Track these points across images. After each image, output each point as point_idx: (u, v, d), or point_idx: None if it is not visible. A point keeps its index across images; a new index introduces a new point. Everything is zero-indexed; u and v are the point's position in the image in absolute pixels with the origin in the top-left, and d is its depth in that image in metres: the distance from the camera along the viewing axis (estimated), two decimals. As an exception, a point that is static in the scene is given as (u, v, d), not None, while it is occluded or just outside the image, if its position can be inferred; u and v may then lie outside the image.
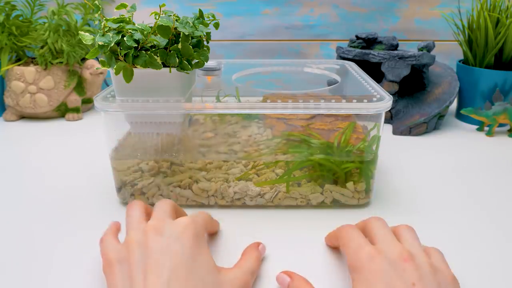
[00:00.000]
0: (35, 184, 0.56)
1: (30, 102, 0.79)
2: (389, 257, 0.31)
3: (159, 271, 0.29)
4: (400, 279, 0.30)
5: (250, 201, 0.49)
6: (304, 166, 0.48)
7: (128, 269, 0.31)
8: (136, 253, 0.31)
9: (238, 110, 0.46)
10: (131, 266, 0.30)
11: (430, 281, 0.30)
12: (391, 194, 0.53)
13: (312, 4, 0.95)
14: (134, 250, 0.31)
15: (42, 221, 0.47)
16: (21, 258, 0.40)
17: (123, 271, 0.31)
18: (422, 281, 0.30)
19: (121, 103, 0.45)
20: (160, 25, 0.41)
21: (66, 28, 0.81)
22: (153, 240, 0.32)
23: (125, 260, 0.31)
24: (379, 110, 0.44)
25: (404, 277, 0.30)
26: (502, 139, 0.72)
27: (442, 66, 0.83)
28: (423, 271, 0.31)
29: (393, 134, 0.74)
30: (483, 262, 0.39)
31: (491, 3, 0.75)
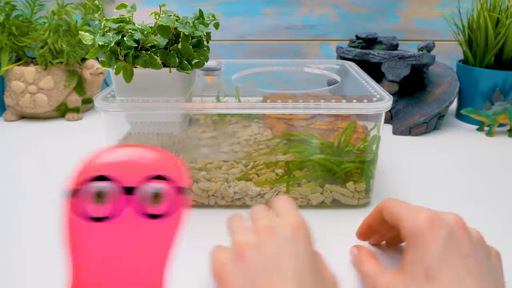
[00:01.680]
0: (35, 184, 0.56)
1: (30, 102, 0.79)
2: (447, 223, 0.31)
3: (283, 275, 0.28)
4: (456, 248, 0.29)
5: (250, 201, 0.49)
6: (304, 166, 0.48)
7: (245, 272, 0.29)
8: (251, 255, 0.30)
9: (238, 110, 0.46)
10: (249, 269, 0.29)
11: (482, 253, 0.30)
12: (391, 194, 0.53)
13: (312, 4, 0.95)
14: (247, 251, 0.30)
15: (42, 221, 0.47)
16: (21, 258, 0.40)
17: (239, 273, 0.30)
18: (475, 253, 0.29)
19: (121, 103, 0.45)
20: (160, 25, 0.41)
21: (66, 28, 0.81)
22: (268, 241, 0.30)
23: (240, 263, 0.30)
24: (379, 110, 0.44)
25: (459, 247, 0.29)
26: (502, 139, 0.72)
27: (442, 66, 0.83)
28: (474, 242, 0.30)
29: (393, 134, 0.74)
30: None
31: (491, 3, 0.75)
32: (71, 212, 0.25)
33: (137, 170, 0.26)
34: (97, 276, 0.26)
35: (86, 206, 0.25)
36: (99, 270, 0.26)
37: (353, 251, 0.39)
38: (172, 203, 0.27)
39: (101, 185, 0.25)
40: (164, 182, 0.26)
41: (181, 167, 0.28)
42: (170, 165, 0.27)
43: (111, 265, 0.26)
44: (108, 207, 0.25)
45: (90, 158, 0.26)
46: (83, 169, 0.26)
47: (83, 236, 0.25)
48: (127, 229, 0.26)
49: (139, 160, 0.27)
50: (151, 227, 0.27)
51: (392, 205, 0.35)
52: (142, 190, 0.26)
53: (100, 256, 0.26)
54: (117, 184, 0.25)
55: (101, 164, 0.26)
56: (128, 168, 0.26)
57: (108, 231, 0.26)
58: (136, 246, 0.27)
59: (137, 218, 0.26)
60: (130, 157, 0.27)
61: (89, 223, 0.25)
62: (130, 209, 0.26)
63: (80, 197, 0.25)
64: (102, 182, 0.25)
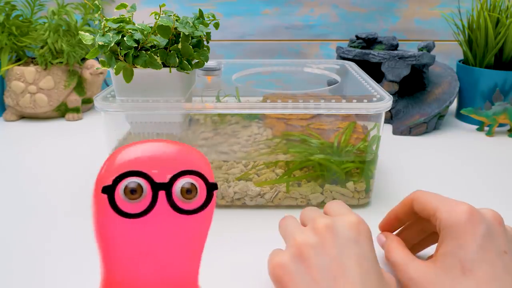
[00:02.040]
0: (35, 184, 0.56)
1: (30, 102, 0.79)
2: (486, 218, 0.30)
3: (350, 279, 0.28)
4: (493, 244, 0.29)
5: (250, 201, 0.49)
6: (304, 166, 0.48)
7: (308, 273, 0.29)
8: (313, 256, 0.29)
9: (238, 110, 0.46)
10: (312, 270, 0.28)
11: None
12: (391, 194, 0.53)
13: (312, 4, 0.95)
14: (308, 252, 0.29)
15: (42, 221, 0.47)
16: (21, 258, 0.40)
17: (302, 274, 0.29)
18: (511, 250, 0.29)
19: (121, 103, 0.45)
20: (160, 25, 0.41)
21: (66, 28, 0.81)
22: (330, 241, 0.29)
23: (302, 264, 0.29)
24: (379, 110, 0.44)
25: (497, 243, 0.29)
26: (502, 139, 0.72)
27: (442, 66, 0.83)
28: (510, 239, 0.30)
29: (393, 134, 0.74)
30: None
31: (491, 3, 0.75)
32: (104, 208, 0.25)
33: (169, 165, 0.26)
34: (130, 272, 0.26)
35: (119, 203, 0.25)
36: (132, 266, 0.26)
37: (380, 238, 0.38)
38: (203, 198, 0.27)
39: (134, 181, 0.25)
40: (195, 177, 0.26)
41: (208, 162, 0.28)
42: (200, 160, 0.27)
43: (144, 261, 0.26)
44: (141, 203, 0.25)
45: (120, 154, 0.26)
46: (115, 165, 0.26)
47: (116, 232, 0.26)
48: (160, 225, 0.26)
49: (169, 155, 0.26)
50: (184, 223, 0.27)
51: (425, 197, 0.34)
52: (175, 185, 0.26)
53: (133, 252, 0.26)
54: (150, 180, 0.25)
55: (133, 159, 0.26)
56: (160, 163, 0.26)
57: (141, 227, 0.26)
58: (169, 242, 0.27)
59: (169, 214, 0.26)
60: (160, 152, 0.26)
61: (122, 219, 0.25)
62: (163, 204, 0.26)
63: (113, 193, 0.25)
64: (135, 177, 0.25)
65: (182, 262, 0.28)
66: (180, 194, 0.26)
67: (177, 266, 0.28)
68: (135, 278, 0.26)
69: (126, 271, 0.26)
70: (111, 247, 0.26)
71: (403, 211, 0.38)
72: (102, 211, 0.25)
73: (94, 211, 0.26)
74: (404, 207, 0.37)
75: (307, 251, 0.29)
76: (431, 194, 0.35)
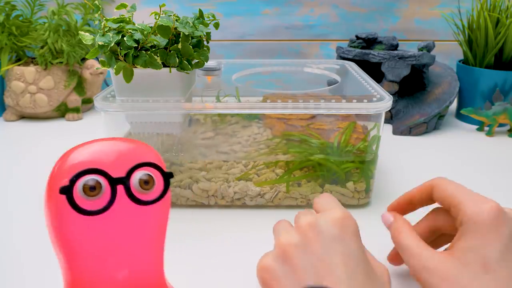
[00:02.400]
0: (35, 184, 0.56)
1: (30, 102, 0.79)
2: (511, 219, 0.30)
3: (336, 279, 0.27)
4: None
5: (250, 201, 0.49)
6: (304, 166, 0.48)
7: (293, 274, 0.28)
8: (297, 256, 0.28)
9: (238, 110, 0.46)
10: (297, 271, 0.28)
11: None
12: (391, 194, 0.53)
13: (312, 4, 0.95)
14: (292, 252, 0.29)
15: (42, 221, 0.47)
16: (21, 258, 0.40)
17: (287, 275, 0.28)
18: None
19: (121, 103, 0.45)
20: (160, 25, 0.41)
21: (66, 28, 0.81)
22: (314, 240, 0.29)
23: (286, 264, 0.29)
24: (379, 110, 0.44)
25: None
26: (502, 139, 0.72)
27: (442, 66, 0.83)
28: None
29: (393, 134, 0.74)
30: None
31: (491, 3, 0.75)
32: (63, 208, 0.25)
33: (123, 160, 0.26)
34: (95, 270, 0.26)
35: (78, 201, 0.25)
36: (97, 264, 0.26)
37: (387, 217, 0.36)
38: (161, 187, 0.27)
39: (92, 178, 0.25)
40: (151, 168, 0.27)
41: (159, 155, 0.28)
42: (152, 153, 0.28)
43: (108, 258, 0.26)
44: (100, 199, 0.25)
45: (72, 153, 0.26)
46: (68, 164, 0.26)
47: (78, 231, 0.25)
48: (122, 219, 0.26)
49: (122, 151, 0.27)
50: (144, 214, 0.27)
51: (449, 186, 0.33)
52: (132, 178, 0.26)
53: (97, 249, 0.26)
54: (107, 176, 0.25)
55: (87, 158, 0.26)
56: (114, 159, 0.26)
57: (103, 223, 0.26)
58: (131, 235, 0.27)
59: (130, 207, 0.26)
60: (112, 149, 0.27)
61: (83, 217, 0.25)
62: (122, 198, 0.26)
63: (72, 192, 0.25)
64: (92, 175, 0.25)
65: (146, 255, 0.28)
66: (138, 186, 0.26)
67: (142, 259, 0.28)
68: (101, 275, 0.26)
69: (91, 270, 0.26)
70: (73, 247, 0.26)
71: (419, 196, 0.36)
72: (61, 212, 0.25)
73: (50, 213, 0.26)
74: (421, 192, 0.36)
75: (291, 251, 0.29)
76: (455, 184, 0.33)
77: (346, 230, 0.29)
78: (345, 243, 0.29)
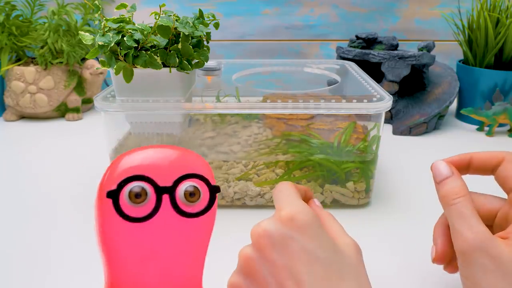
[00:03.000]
0: (35, 184, 0.56)
1: (30, 102, 0.79)
2: None
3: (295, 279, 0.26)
4: None
5: (250, 201, 0.49)
6: (304, 166, 0.48)
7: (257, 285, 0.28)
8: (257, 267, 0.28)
9: (238, 110, 0.46)
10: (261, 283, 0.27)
11: None
12: (391, 194, 0.53)
13: (312, 4, 0.95)
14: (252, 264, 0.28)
15: (42, 221, 0.47)
16: (20, 257, 0.40)
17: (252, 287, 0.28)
18: None
19: (121, 103, 0.45)
20: (160, 25, 0.41)
21: (66, 28, 0.81)
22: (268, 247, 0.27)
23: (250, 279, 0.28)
24: (379, 110, 0.44)
25: None
26: (502, 139, 0.72)
27: (442, 66, 0.83)
28: None
29: (393, 134, 0.74)
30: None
31: (491, 3, 0.75)
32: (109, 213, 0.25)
33: (171, 170, 0.26)
34: (135, 275, 0.26)
35: (124, 207, 0.25)
36: (136, 269, 0.26)
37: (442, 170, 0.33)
38: (206, 201, 0.27)
39: (138, 185, 0.25)
40: (198, 180, 0.27)
41: (208, 165, 0.28)
42: (201, 164, 0.28)
43: (148, 265, 0.27)
44: (145, 207, 0.25)
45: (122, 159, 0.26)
46: (118, 170, 0.26)
47: (120, 236, 0.26)
48: (164, 229, 0.26)
49: (171, 160, 0.27)
50: (187, 226, 0.27)
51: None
52: (178, 189, 0.26)
53: (137, 255, 0.26)
54: (154, 184, 0.26)
55: (136, 164, 0.26)
56: (162, 167, 0.26)
57: (146, 230, 0.26)
58: (173, 245, 0.27)
59: (173, 217, 0.26)
60: (162, 157, 0.27)
61: (127, 223, 0.25)
62: (166, 208, 0.26)
63: (118, 198, 0.25)
64: (139, 182, 0.25)
65: (185, 265, 0.28)
66: (183, 198, 0.26)
67: (181, 269, 0.28)
68: (140, 281, 0.27)
69: (130, 275, 0.26)
70: (115, 251, 0.26)
71: (483, 161, 0.33)
72: (107, 216, 0.25)
73: (97, 216, 0.26)
74: (486, 159, 0.33)
75: (249, 264, 0.28)
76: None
77: (296, 228, 0.27)
78: (297, 241, 0.27)
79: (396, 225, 0.46)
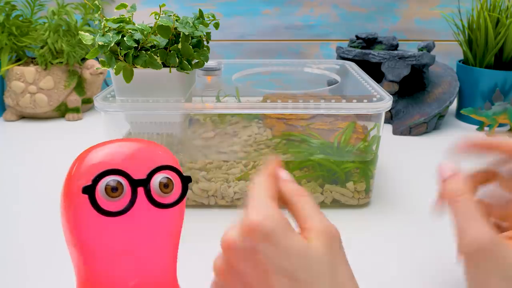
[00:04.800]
0: (35, 184, 0.56)
1: (30, 102, 0.79)
2: None
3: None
4: None
5: (250, 201, 0.49)
6: (304, 166, 0.48)
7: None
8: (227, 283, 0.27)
9: (238, 110, 0.46)
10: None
11: None
12: (391, 194, 0.53)
13: (312, 4, 0.95)
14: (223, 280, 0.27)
15: (42, 221, 0.47)
16: (20, 257, 0.40)
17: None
18: None
19: (121, 103, 0.45)
20: (160, 25, 0.41)
21: (66, 28, 0.81)
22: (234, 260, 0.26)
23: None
24: (379, 110, 0.44)
25: None
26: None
27: (442, 66, 0.83)
28: None
29: (393, 134, 0.74)
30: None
31: (491, 3, 0.75)
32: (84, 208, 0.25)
33: (144, 162, 0.26)
34: (110, 270, 0.26)
35: (100, 202, 0.25)
36: (112, 264, 0.26)
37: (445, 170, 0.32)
38: (179, 191, 0.27)
39: (114, 179, 0.25)
40: (170, 172, 0.27)
41: (175, 158, 0.28)
42: (170, 156, 0.28)
43: (124, 259, 0.26)
44: (121, 201, 0.25)
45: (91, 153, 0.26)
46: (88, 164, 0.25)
47: (96, 231, 0.25)
48: (140, 221, 0.26)
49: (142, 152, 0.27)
50: (162, 217, 0.27)
51: None
52: (153, 181, 0.26)
53: (114, 250, 0.26)
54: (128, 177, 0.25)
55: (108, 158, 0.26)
56: (135, 160, 0.26)
57: (122, 224, 0.26)
58: (148, 237, 0.27)
59: (149, 209, 0.26)
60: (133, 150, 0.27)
61: (103, 218, 0.25)
62: (142, 201, 0.26)
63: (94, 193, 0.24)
64: (114, 176, 0.25)
65: (161, 258, 0.28)
66: (158, 189, 0.26)
67: (157, 261, 0.28)
68: (115, 276, 0.26)
69: (105, 270, 0.26)
70: (90, 247, 0.26)
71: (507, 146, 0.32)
72: (81, 211, 0.25)
73: (67, 212, 0.25)
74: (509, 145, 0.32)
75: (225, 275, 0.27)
76: None
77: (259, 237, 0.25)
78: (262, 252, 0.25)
79: (396, 225, 0.46)
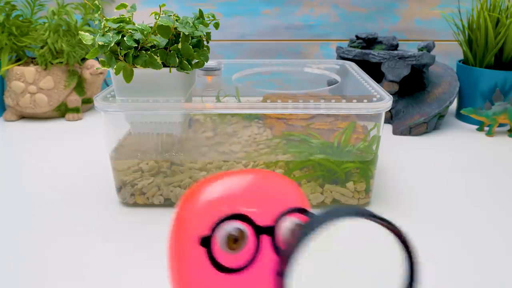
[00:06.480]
0: (35, 184, 0.56)
1: (30, 102, 0.79)
2: None
3: None
4: None
5: (250, 201, 0.49)
6: (304, 166, 0.48)
7: None
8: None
9: (238, 110, 0.46)
10: None
11: None
12: (391, 194, 0.53)
13: (312, 4, 0.95)
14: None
15: (42, 221, 0.47)
16: (20, 257, 0.40)
17: None
18: None
19: (121, 103, 0.45)
20: (160, 25, 0.41)
21: (66, 28, 0.81)
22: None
23: None
24: (379, 110, 0.44)
25: None
26: (502, 139, 0.72)
27: (442, 66, 0.83)
28: None
29: (393, 134, 0.74)
30: (482, 261, 0.39)
31: (491, 3, 0.75)
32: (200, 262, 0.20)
33: (270, 204, 0.21)
34: None
35: (217, 255, 0.20)
36: None
37: None
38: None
39: (235, 227, 0.20)
40: (299, 215, 0.21)
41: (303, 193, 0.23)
42: (297, 191, 0.22)
43: None
44: (242, 253, 0.20)
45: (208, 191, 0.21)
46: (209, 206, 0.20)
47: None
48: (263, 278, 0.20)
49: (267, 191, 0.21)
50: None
51: None
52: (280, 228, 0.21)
53: None
54: (251, 224, 0.20)
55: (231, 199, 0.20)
56: (260, 202, 0.21)
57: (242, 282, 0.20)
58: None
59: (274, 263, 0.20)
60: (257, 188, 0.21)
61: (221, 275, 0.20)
62: (266, 253, 0.20)
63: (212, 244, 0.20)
64: (236, 222, 0.20)
65: None
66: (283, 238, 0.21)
67: None
68: None
69: None
70: None
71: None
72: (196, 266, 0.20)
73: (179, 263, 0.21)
74: None
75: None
76: None
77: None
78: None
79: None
